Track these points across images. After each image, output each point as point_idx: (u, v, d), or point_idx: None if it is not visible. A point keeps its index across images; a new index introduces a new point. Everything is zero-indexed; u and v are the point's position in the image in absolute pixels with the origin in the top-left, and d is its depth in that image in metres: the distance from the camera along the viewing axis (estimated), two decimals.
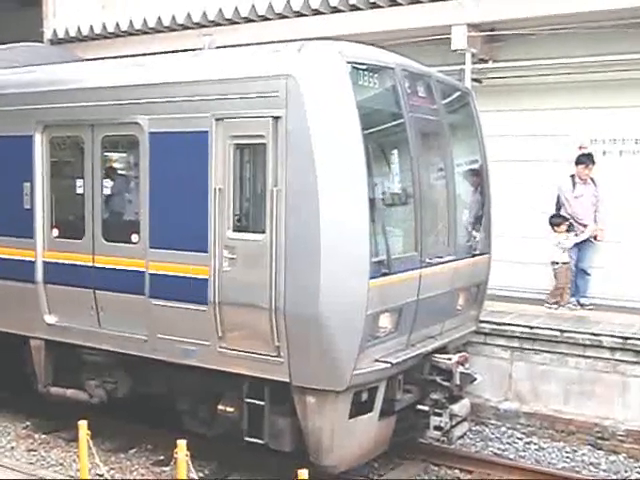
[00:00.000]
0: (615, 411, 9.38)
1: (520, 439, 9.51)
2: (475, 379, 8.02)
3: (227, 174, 7.21)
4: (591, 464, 8.89)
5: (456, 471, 8.56)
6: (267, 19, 12.27)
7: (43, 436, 9.37)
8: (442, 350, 8.07)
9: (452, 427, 7.87)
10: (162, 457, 8.52)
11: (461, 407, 7.97)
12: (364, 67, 7.15)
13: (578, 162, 10.85)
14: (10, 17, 18.40)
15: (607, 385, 9.45)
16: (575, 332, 9.69)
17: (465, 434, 8.50)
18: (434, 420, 7.79)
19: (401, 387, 7.61)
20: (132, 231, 7.84)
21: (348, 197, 6.79)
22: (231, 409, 7.57)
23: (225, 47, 8.81)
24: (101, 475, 7.39)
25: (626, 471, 8.74)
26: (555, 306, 10.89)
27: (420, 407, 7.84)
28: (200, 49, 8.84)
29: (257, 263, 7.03)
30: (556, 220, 10.89)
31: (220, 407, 7.63)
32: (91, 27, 14.49)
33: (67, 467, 8.50)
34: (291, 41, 7.34)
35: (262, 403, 7.30)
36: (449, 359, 7.88)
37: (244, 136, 7.12)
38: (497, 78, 11.40)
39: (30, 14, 16.24)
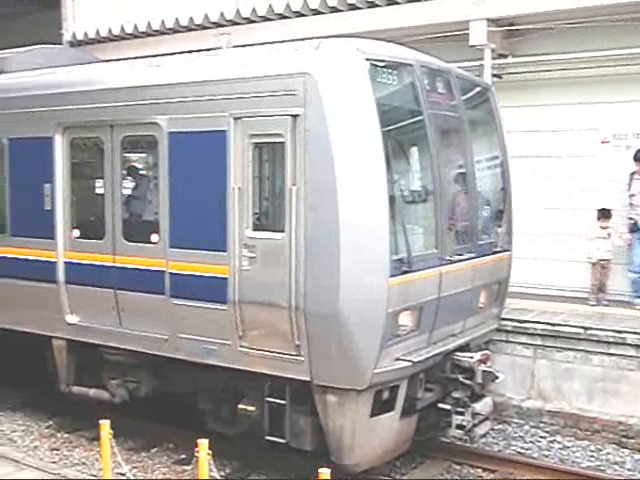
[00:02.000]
0: None
1: (543, 438, 9.42)
2: (497, 377, 7.93)
3: (246, 173, 7.21)
4: (616, 463, 8.78)
5: (479, 470, 8.49)
6: (285, 17, 12.24)
7: (66, 435, 9.44)
8: (464, 348, 8.02)
9: (474, 426, 7.81)
10: (184, 456, 8.55)
11: (483, 405, 7.91)
12: (382, 64, 7.10)
13: (636, 158, 10.52)
14: (31, 19, 18.61)
15: (632, 383, 9.32)
16: (598, 329, 9.58)
17: (488, 433, 8.43)
18: (456, 419, 7.73)
19: (422, 386, 7.57)
20: (152, 231, 7.86)
21: (367, 195, 6.76)
22: (252, 408, 7.57)
23: (243, 46, 8.79)
24: (123, 474, 7.42)
25: None
26: (594, 302, 10.75)
27: (442, 406, 7.79)
28: (218, 49, 8.85)
29: (276, 262, 7.01)
30: (603, 214, 10.63)
31: (241, 406, 7.63)
32: (109, 29, 14.59)
33: (90, 466, 8.56)
34: (309, 39, 7.30)
35: (283, 402, 7.30)
36: (471, 357, 7.81)
37: (262, 135, 7.12)
38: (517, 73, 11.30)
39: (50, 16, 16.39)
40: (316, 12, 11.96)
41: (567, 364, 9.71)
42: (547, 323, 9.86)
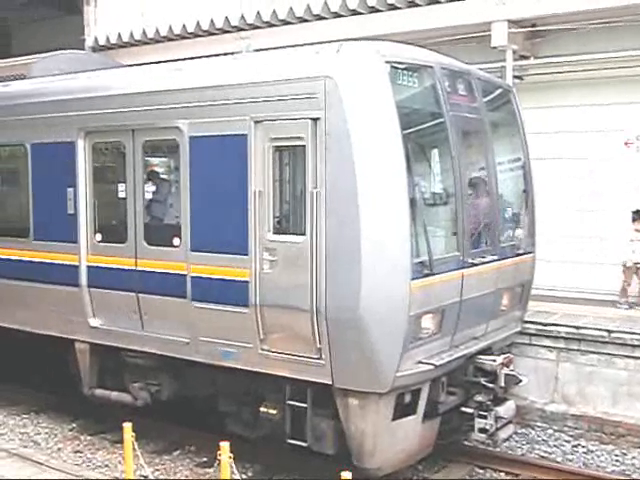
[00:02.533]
0: None
1: (567, 442, 9.35)
2: (520, 381, 7.87)
3: (266, 176, 7.22)
4: None
5: (502, 474, 8.44)
6: (305, 21, 12.25)
7: (89, 438, 9.50)
8: (486, 351, 7.96)
9: (497, 429, 7.75)
10: (205, 459, 8.57)
11: (506, 409, 7.85)
12: (403, 66, 7.09)
13: None
14: (52, 25, 18.81)
15: None
16: (623, 332, 9.48)
17: (510, 437, 8.36)
18: (479, 422, 7.69)
19: (445, 389, 7.53)
20: (173, 234, 7.90)
21: (388, 198, 6.74)
22: (273, 411, 7.57)
23: (263, 50, 8.81)
24: (146, 476, 7.50)
25: None
26: (625, 306, 10.63)
27: (464, 409, 7.74)
28: (238, 52, 8.87)
29: (298, 265, 7.01)
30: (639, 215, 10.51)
31: (262, 409, 7.64)
32: (131, 33, 14.70)
33: (112, 468, 8.60)
34: (329, 42, 7.30)
35: (304, 405, 7.28)
36: (493, 360, 7.78)
37: (283, 138, 7.12)
38: (538, 74, 11.22)
39: (71, 22, 16.56)
40: (336, 15, 11.94)
41: (591, 367, 9.61)
42: (571, 326, 9.77)
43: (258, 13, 12.60)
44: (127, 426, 6.85)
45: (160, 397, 8.56)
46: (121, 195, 8.34)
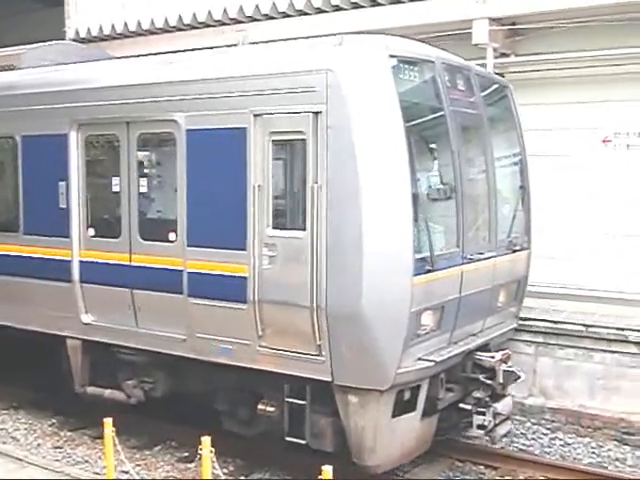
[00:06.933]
0: None
1: (545, 435, 9.44)
2: (519, 377, 7.86)
3: (266, 171, 7.12)
4: (617, 460, 8.83)
5: (481, 467, 8.47)
6: (305, 14, 12.10)
7: (69, 433, 9.40)
8: (483, 348, 7.94)
9: (495, 426, 7.74)
10: (187, 454, 8.52)
11: (504, 405, 7.86)
12: (405, 60, 7.04)
13: None
14: (34, 17, 18.48)
15: (633, 380, 9.39)
16: (600, 327, 9.63)
17: (509, 433, 8.37)
18: (477, 419, 7.67)
19: (444, 385, 7.49)
20: (169, 229, 7.77)
21: (391, 192, 6.69)
22: (271, 409, 7.50)
23: (260, 43, 8.70)
24: (126, 472, 7.40)
25: None
26: None
27: (463, 406, 7.72)
28: (234, 45, 8.76)
29: (298, 260, 6.93)
30: None
31: (260, 407, 7.56)
32: (112, 26, 14.41)
33: (93, 464, 8.52)
34: (312, 37, 7.20)
35: (303, 403, 7.21)
36: (492, 357, 7.76)
37: (283, 132, 7.03)
38: (519, 72, 11.24)
39: (53, 15, 16.25)
40: (338, 8, 11.80)
41: (569, 361, 9.76)
42: (549, 321, 9.86)
43: (257, 5, 12.41)
44: (108, 421, 6.80)
45: (155, 395, 8.44)
46: (115, 189, 8.19)
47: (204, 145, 7.49)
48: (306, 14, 12.05)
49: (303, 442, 7.28)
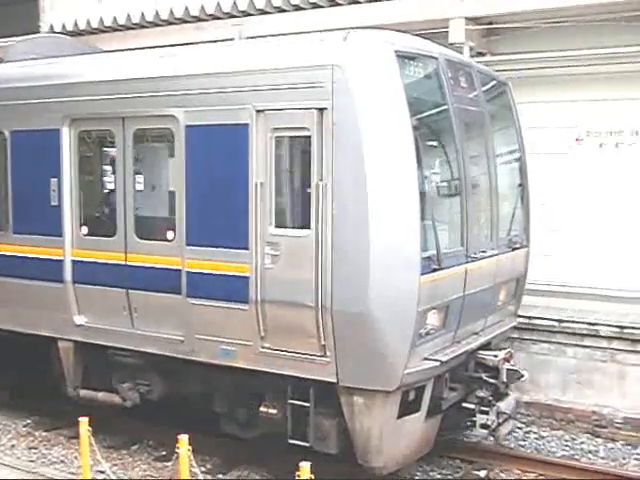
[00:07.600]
0: (613, 399, 9.54)
1: (520, 428, 9.53)
2: (522, 376, 7.82)
3: (269, 168, 6.97)
4: (590, 452, 8.98)
5: (457, 461, 8.50)
6: (300, 9, 11.94)
7: (44, 434, 9.26)
8: (485, 347, 7.89)
9: (499, 425, 7.68)
10: (164, 453, 8.43)
11: (507, 404, 7.79)
12: (410, 56, 6.94)
13: None
14: (8, 11, 18.04)
15: (605, 374, 9.59)
16: (572, 322, 9.79)
17: (512, 431, 8.34)
18: (480, 418, 7.60)
19: (448, 385, 7.42)
20: (167, 228, 7.59)
21: (399, 190, 6.58)
22: (274, 411, 7.35)
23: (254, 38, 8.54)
24: (103, 471, 7.29)
25: (624, 458, 8.83)
26: None
27: (466, 405, 7.66)
28: (229, 40, 8.58)
29: (302, 260, 6.80)
30: None
31: (262, 409, 7.41)
32: (88, 21, 14.09)
33: (69, 464, 8.39)
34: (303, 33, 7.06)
35: (307, 404, 7.07)
36: (495, 356, 7.71)
37: (287, 128, 6.88)
38: (495, 71, 11.22)
39: (26, 9, 15.84)
40: (335, 4, 11.69)
41: (543, 356, 9.91)
42: (524, 316, 9.88)
43: (251, 0, 12.21)
44: (83, 421, 6.68)
45: (151, 397, 8.24)
46: (110, 186, 8.01)
47: (204, 141, 7.31)
48: (301, 9, 11.90)
49: (306, 445, 7.14)
